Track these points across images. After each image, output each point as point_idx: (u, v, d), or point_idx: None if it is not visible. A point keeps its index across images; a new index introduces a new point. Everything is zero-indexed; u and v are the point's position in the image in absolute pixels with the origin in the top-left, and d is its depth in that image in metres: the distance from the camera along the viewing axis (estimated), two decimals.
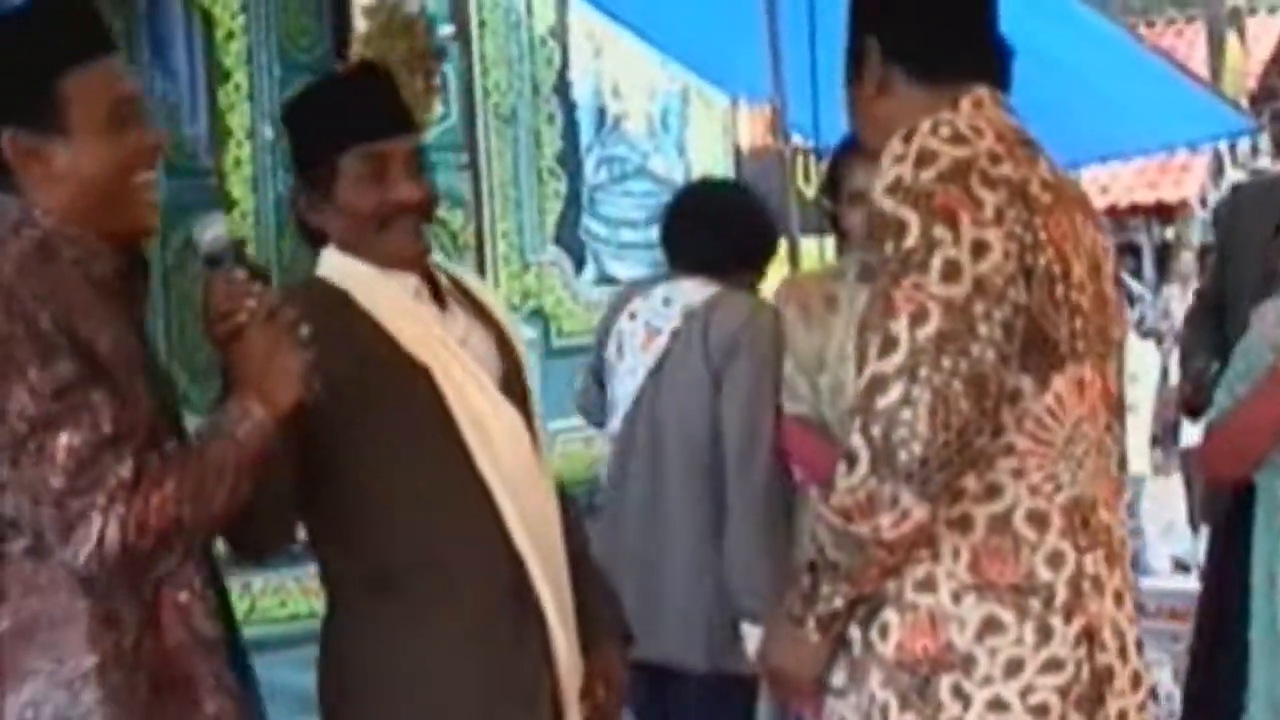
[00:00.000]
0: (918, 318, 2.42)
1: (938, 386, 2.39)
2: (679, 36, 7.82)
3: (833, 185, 4.20)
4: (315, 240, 3.01)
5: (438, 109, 7.84)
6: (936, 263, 2.44)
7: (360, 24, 7.11)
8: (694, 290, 4.45)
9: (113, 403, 2.40)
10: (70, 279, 2.46)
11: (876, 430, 2.40)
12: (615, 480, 4.61)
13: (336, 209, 2.95)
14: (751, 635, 4.11)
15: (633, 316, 4.55)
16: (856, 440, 2.43)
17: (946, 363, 2.40)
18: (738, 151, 9.52)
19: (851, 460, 2.43)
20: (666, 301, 4.50)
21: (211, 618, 2.57)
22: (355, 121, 2.98)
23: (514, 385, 3.10)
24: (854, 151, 3.99)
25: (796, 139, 7.87)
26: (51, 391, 2.37)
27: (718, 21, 7.11)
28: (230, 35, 7.88)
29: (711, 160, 9.35)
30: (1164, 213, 19.57)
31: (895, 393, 2.40)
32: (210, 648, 2.56)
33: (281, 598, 6.94)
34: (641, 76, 8.85)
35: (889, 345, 2.43)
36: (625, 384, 4.52)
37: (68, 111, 2.47)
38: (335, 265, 2.97)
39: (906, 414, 2.39)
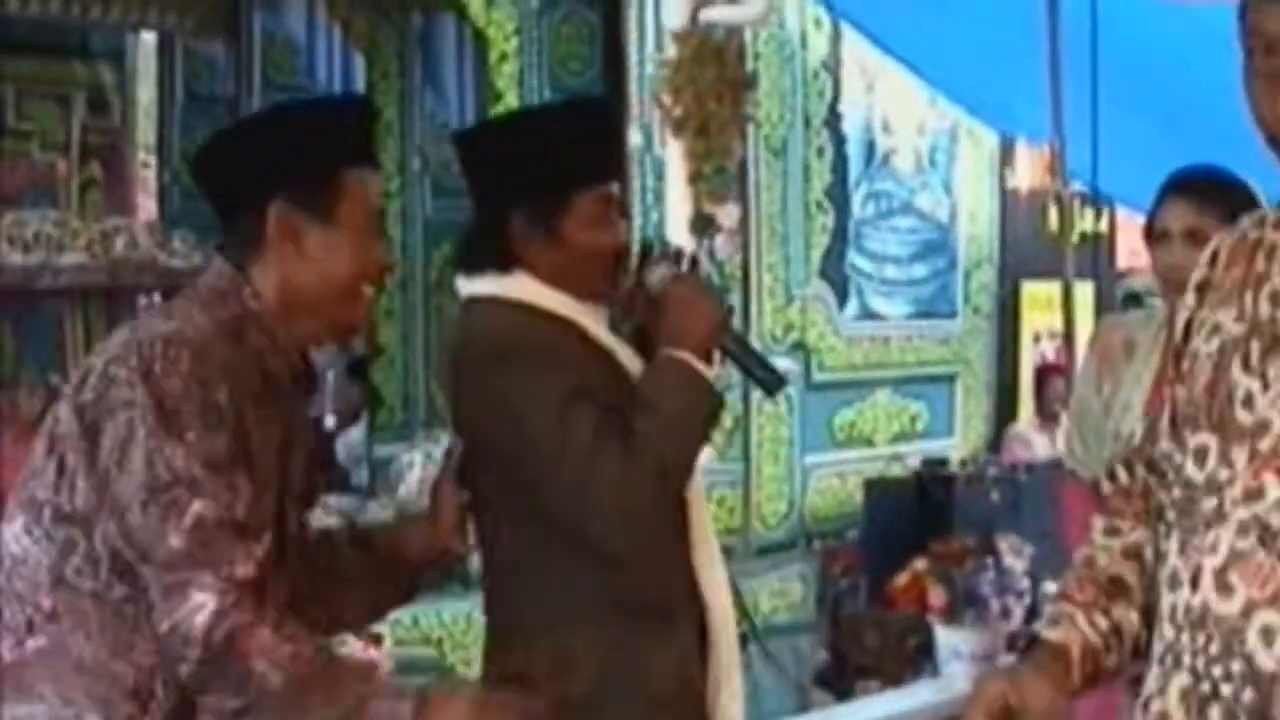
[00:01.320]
0: None
1: None
2: (954, 73, 7.74)
3: (1147, 225, 4.10)
4: (493, 264, 3.03)
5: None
6: None
7: (669, 50, 7.09)
8: None
9: (252, 494, 2.46)
10: (249, 364, 2.54)
11: None
12: None
13: (555, 243, 2.98)
14: None
15: None
16: None
17: None
18: (1004, 191, 9.39)
19: None
20: None
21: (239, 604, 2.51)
22: (594, 161, 3.06)
23: None
24: (1170, 190, 3.91)
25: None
26: (203, 459, 2.43)
27: (996, 60, 7.02)
28: (504, 57, 7.94)
29: (978, 199, 9.24)
30: None
31: None
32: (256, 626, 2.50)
33: None
34: (912, 112, 8.77)
35: None
36: None
37: (339, 203, 2.58)
38: (542, 294, 3.00)
39: None
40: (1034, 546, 6.17)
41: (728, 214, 6.90)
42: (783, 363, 8.16)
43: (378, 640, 5.23)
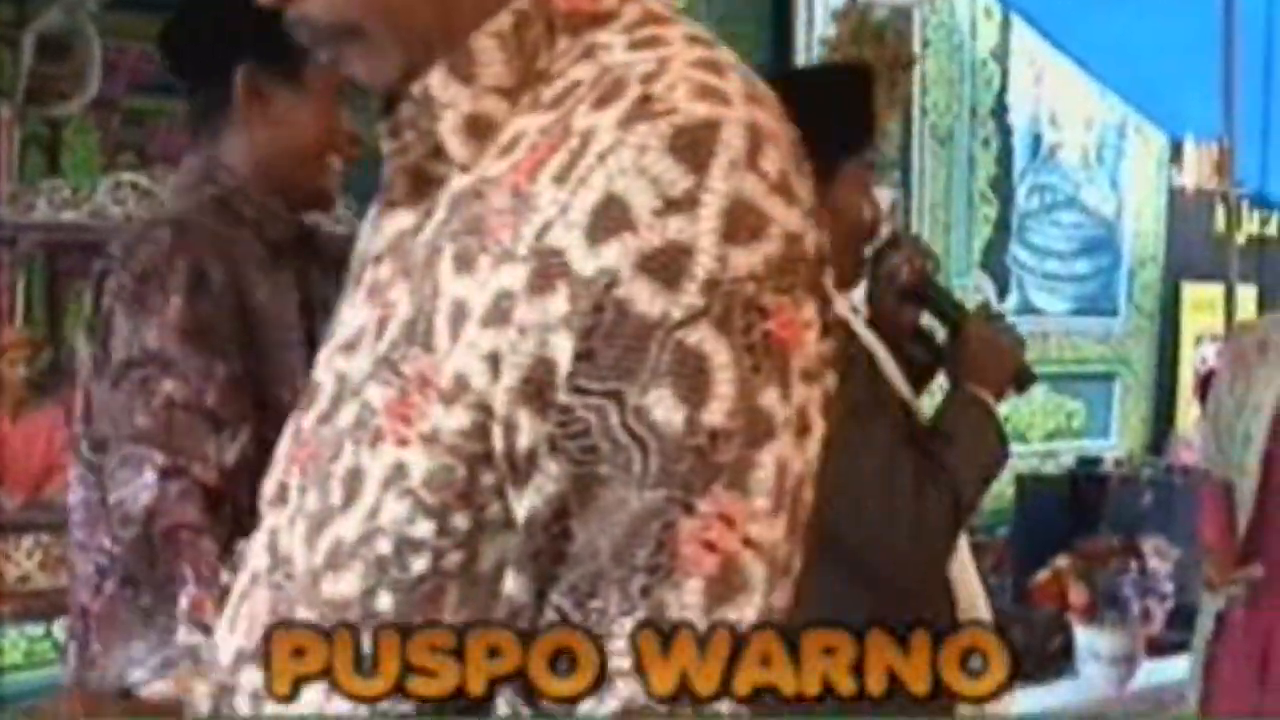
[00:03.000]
0: None
1: None
2: (1124, 68, 7.64)
3: None
4: None
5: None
6: None
7: (826, 29, 7.06)
8: None
9: (227, 383, 2.34)
10: (248, 237, 2.49)
11: None
12: None
13: (827, 214, 2.81)
14: None
15: None
16: None
17: None
18: (1171, 190, 9.24)
19: None
20: None
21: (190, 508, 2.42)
22: (864, 127, 2.89)
23: None
24: None
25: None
26: (180, 333, 2.34)
27: (1168, 56, 6.92)
28: None
29: (1145, 196, 9.10)
30: None
31: None
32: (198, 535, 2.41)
33: None
34: (1080, 106, 8.65)
35: None
36: None
37: (307, 65, 2.47)
38: None
39: None
40: (1183, 550, 6.09)
41: (882, 197, 6.84)
42: None
43: None
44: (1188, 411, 9.47)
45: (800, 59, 7.54)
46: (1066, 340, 8.82)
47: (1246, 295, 7.90)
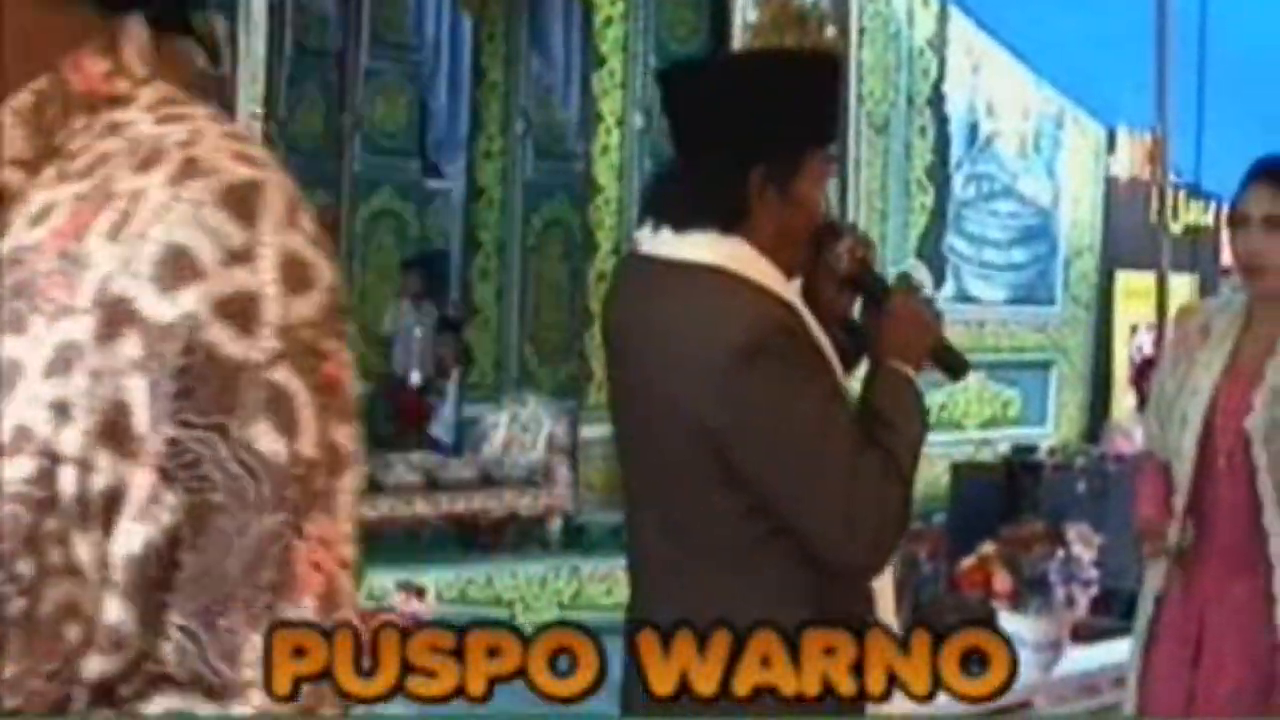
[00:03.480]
0: None
1: None
2: (1059, 58, 7.68)
3: (1230, 211, 4.02)
4: (716, 221, 2.70)
5: None
6: None
7: (749, 14, 7.06)
8: None
9: None
10: None
11: None
12: None
13: (788, 204, 2.70)
14: None
15: None
16: None
17: None
18: (1109, 180, 9.28)
19: None
20: None
21: None
22: (830, 119, 2.84)
23: None
24: (1254, 176, 3.85)
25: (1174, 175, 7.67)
26: None
27: (1103, 48, 6.96)
28: (609, 21, 7.94)
29: (1082, 186, 9.14)
30: None
31: None
32: None
33: (609, 585, 6.96)
34: (1017, 96, 8.69)
35: None
36: None
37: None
38: (766, 272, 2.70)
39: None
40: (1113, 537, 6.12)
41: None
42: None
43: (420, 594, 5.20)
44: (1123, 400, 9.53)
45: (738, 43, 7.55)
46: (1003, 329, 8.86)
47: (1185, 284, 7.97)
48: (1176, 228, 8.44)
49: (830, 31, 7.39)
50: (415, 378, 10.08)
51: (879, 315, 2.79)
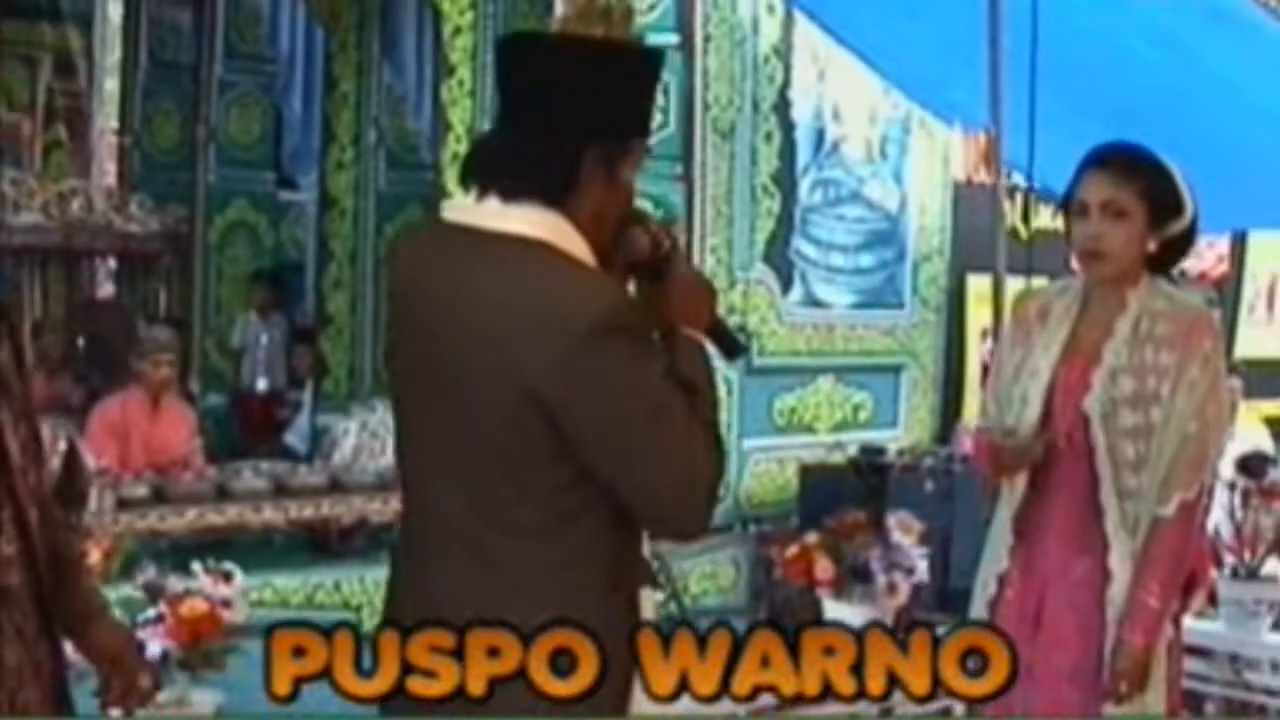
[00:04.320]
0: None
1: None
2: (898, 60, 7.76)
3: (1065, 199, 4.11)
4: (540, 194, 2.74)
5: (656, 118, 7.85)
6: None
7: (558, 7, 7.11)
8: None
9: None
10: None
11: None
12: None
13: (611, 185, 2.79)
14: None
15: None
16: None
17: None
18: (957, 184, 9.39)
19: None
20: None
21: (10, 568, 2.62)
22: (651, 110, 2.89)
23: None
24: (1090, 164, 3.94)
25: (1017, 176, 7.78)
26: None
27: (944, 51, 7.04)
28: (458, 30, 7.95)
29: (929, 190, 9.25)
30: None
31: None
32: (5, 597, 2.61)
33: None
34: (863, 101, 8.78)
35: None
36: None
37: None
38: (582, 248, 2.76)
39: None
40: (965, 537, 6.19)
41: None
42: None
43: (228, 577, 5.18)
44: (974, 402, 9.63)
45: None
46: (852, 333, 8.94)
47: (1038, 288, 8.03)
48: (1027, 231, 8.55)
49: (670, 41, 7.46)
50: (261, 385, 10.08)
51: (665, 284, 2.85)
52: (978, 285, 9.25)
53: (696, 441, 2.73)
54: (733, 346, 3.01)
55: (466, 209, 2.80)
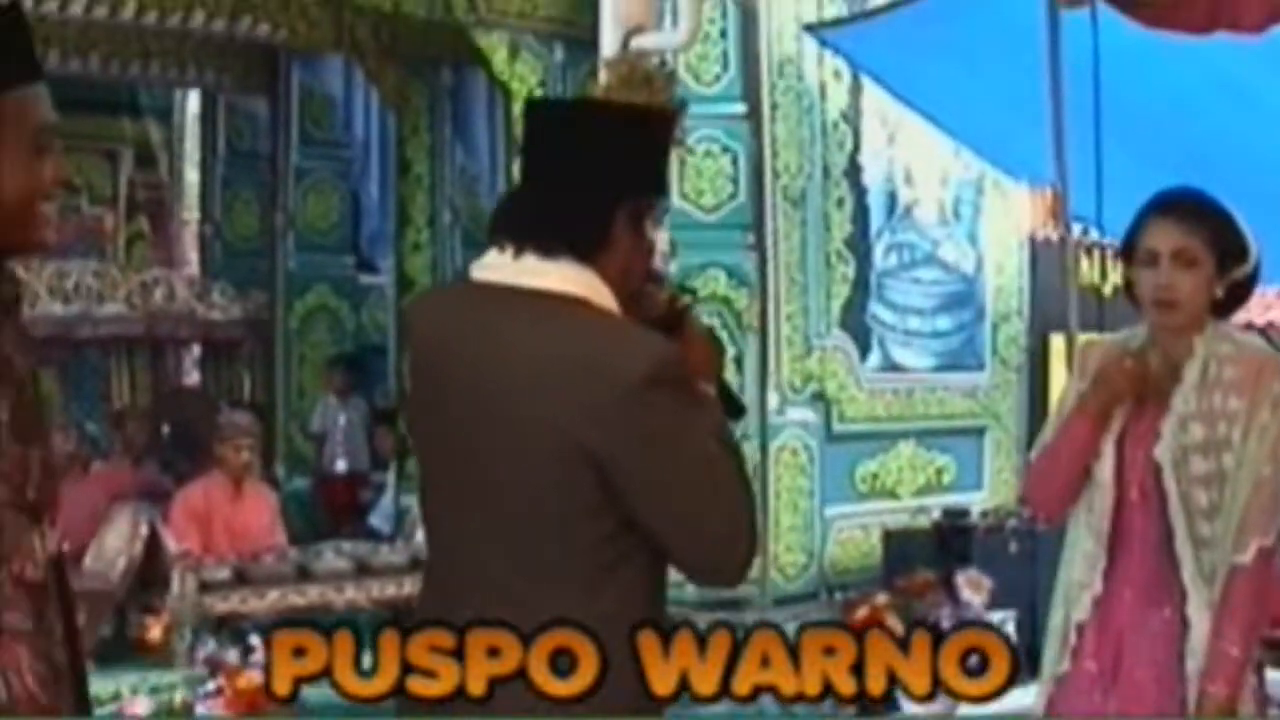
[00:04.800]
0: None
1: None
2: (966, 120, 7.73)
3: (1127, 246, 4.07)
4: (572, 251, 2.78)
5: (726, 188, 7.89)
6: None
7: (602, 76, 7.17)
8: None
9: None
10: None
11: None
12: None
13: (637, 242, 2.85)
14: None
15: None
16: None
17: None
18: (1034, 242, 9.34)
19: None
20: None
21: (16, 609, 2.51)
22: (668, 169, 3.00)
23: None
24: (1156, 210, 3.90)
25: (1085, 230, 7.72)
26: None
27: (1001, 102, 7.01)
28: None
29: (1004, 249, 9.21)
30: None
31: None
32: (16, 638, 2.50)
33: None
34: (935, 163, 8.77)
35: None
36: None
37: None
38: (612, 303, 2.80)
39: None
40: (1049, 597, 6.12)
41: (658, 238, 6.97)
42: (802, 413, 8.18)
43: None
44: None
45: None
46: (932, 396, 8.90)
47: (1104, 338, 7.95)
48: (1107, 287, 8.51)
49: (737, 110, 7.51)
50: (341, 467, 10.14)
51: (681, 340, 2.88)
52: (1059, 344, 9.19)
53: (736, 489, 2.75)
54: (735, 406, 3.04)
55: (499, 266, 2.81)
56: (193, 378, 11.40)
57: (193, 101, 11.74)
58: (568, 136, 2.87)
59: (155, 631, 5.34)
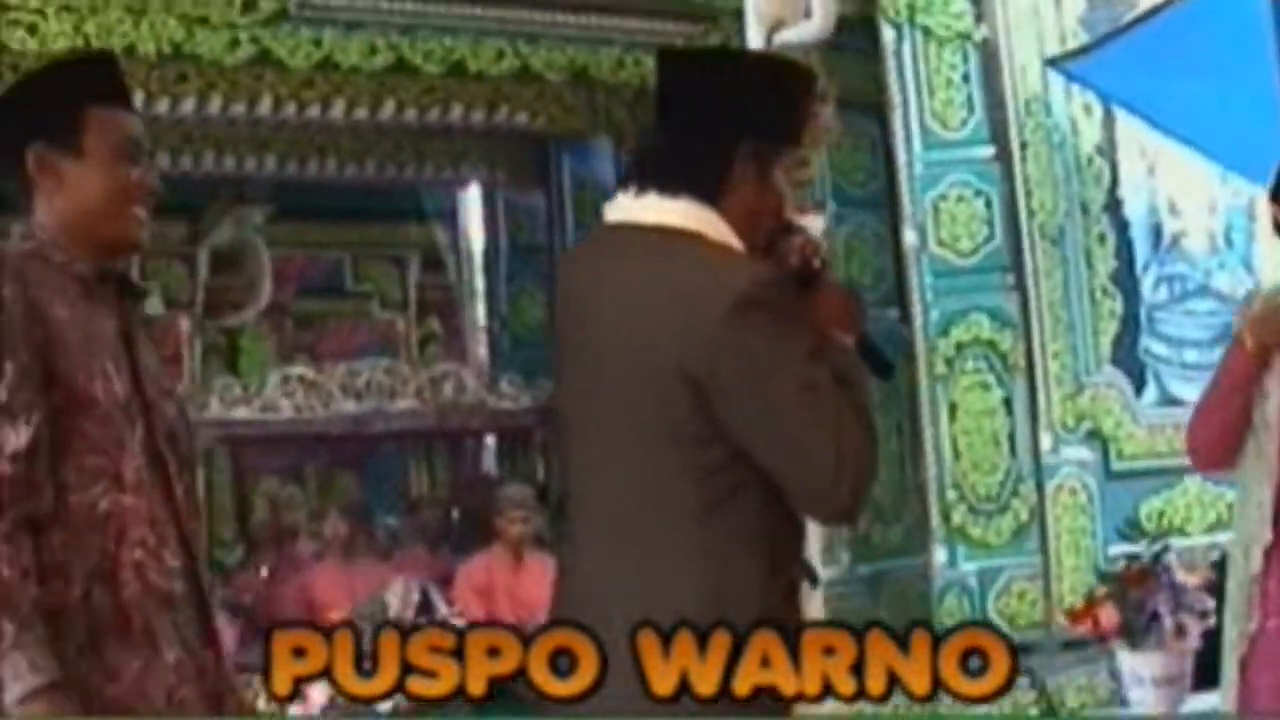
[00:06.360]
0: None
1: None
2: (1229, 144, 7.57)
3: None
4: (697, 190, 2.82)
5: (981, 231, 7.88)
6: None
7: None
8: None
9: (21, 380, 2.75)
10: (53, 272, 2.93)
11: None
12: None
13: (764, 187, 2.87)
14: None
15: None
16: None
17: None
18: None
19: None
20: None
21: (169, 575, 2.82)
22: (804, 123, 2.98)
23: None
24: None
25: None
26: None
27: (1260, 121, 6.86)
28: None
29: None
30: None
31: None
32: (166, 601, 2.79)
33: None
34: (1201, 191, 8.59)
35: None
36: None
37: (85, 138, 2.98)
38: (731, 240, 2.84)
39: None
40: None
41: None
42: (1077, 452, 8.06)
43: None
44: None
45: (903, 178, 7.67)
46: None
47: None
48: None
49: (986, 153, 7.51)
50: None
51: (813, 296, 2.88)
52: None
53: (848, 422, 2.73)
54: (883, 363, 3.01)
55: (624, 207, 2.88)
56: (489, 467, 11.66)
57: (474, 200, 12.06)
58: (694, 81, 2.94)
59: None
